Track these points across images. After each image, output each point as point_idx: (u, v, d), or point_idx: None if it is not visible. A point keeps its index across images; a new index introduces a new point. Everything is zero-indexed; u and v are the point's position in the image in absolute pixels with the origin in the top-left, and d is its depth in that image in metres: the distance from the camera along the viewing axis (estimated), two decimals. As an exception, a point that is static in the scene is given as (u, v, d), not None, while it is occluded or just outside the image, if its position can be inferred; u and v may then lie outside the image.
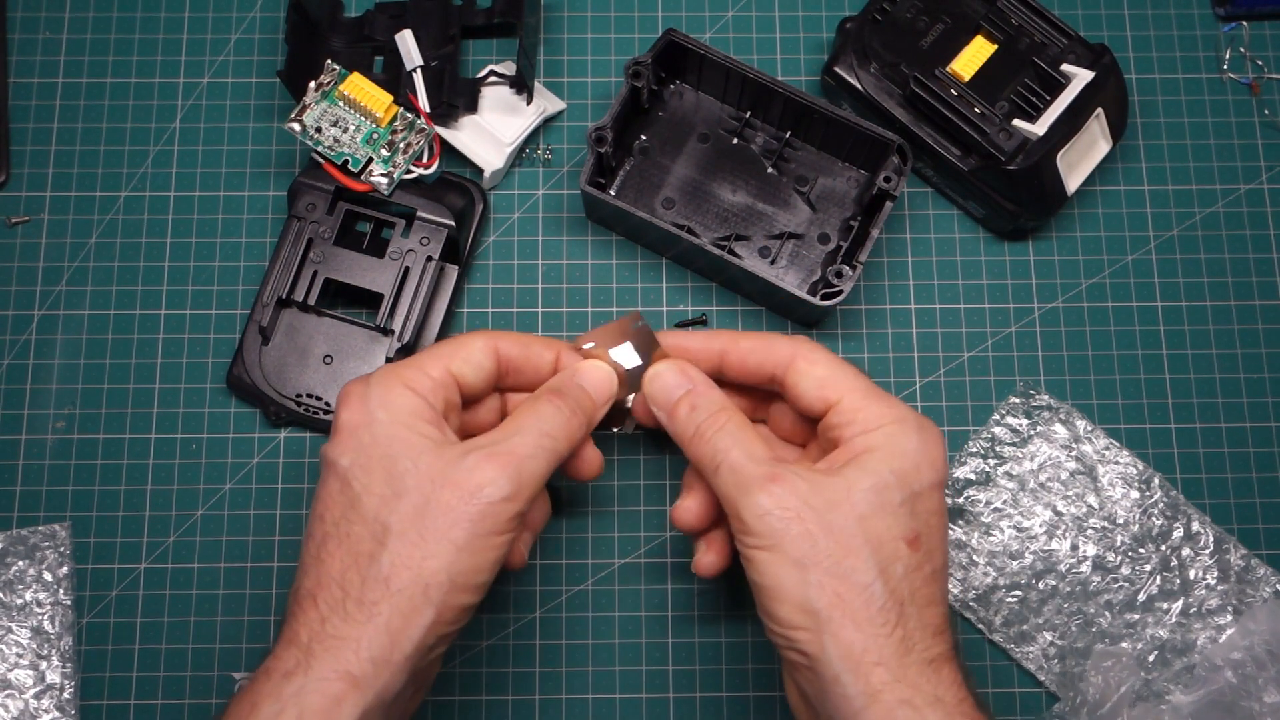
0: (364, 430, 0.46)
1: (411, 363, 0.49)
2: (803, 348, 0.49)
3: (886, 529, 0.45)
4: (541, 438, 0.47)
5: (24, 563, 0.59)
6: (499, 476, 0.45)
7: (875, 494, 0.45)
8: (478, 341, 0.50)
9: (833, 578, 0.43)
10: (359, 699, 0.43)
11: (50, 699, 0.57)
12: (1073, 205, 0.64)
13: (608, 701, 0.58)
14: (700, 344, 0.52)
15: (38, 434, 0.61)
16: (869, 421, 0.47)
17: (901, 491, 0.45)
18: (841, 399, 0.48)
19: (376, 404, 0.46)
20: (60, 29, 0.66)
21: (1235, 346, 0.63)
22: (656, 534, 0.60)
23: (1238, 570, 0.59)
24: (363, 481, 0.45)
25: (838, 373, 0.48)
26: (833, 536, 0.44)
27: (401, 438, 0.46)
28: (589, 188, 0.59)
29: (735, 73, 0.60)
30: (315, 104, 0.59)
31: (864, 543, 0.44)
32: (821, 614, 0.43)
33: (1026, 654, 0.58)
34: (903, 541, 0.45)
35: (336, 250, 0.60)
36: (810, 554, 0.44)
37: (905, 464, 0.46)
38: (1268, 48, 0.67)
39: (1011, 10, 0.61)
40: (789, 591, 0.44)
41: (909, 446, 0.46)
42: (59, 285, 0.63)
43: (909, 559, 0.45)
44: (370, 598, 0.44)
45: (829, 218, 0.62)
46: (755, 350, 0.50)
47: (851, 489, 0.45)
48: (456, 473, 0.45)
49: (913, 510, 0.45)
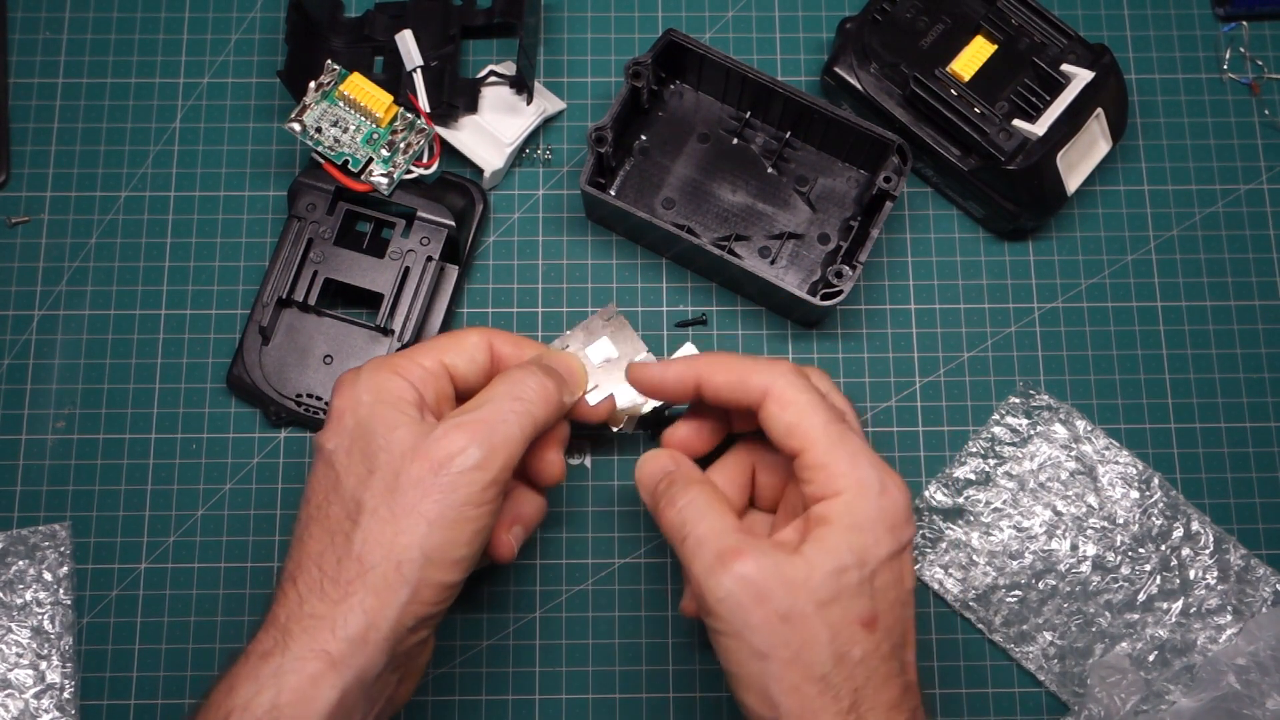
0: (349, 414, 0.46)
1: (406, 353, 0.49)
2: (776, 385, 0.47)
3: (843, 614, 0.44)
4: (513, 401, 0.47)
5: (24, 563, 0.59)
6: (468, 444, 0.44)
7: (833, 578, 0.44)
8: (472, 336, 0.50)
9: (790, 670, 0.43)
10: (337, 679, 0.42)
11: (50, 699, 0.57)
12: (1073, 205, 0.64)
13: (608, 701, 0.58)
14: (674, 378, 0.50)
15: (38, 434, 0.61)
16: (827, 485, 0.46)
17: (859, 571, 0.44)
18: (805, 452, 0.46)
19: (364, 388, 0.47)
20: (60, 29, 0.66)
21: (1235, 346, 0.63)
22: (656, 534, 0.60)
23: (1237, 570, 0.59)
24: (344, 463, 0.45)
25: (805, 420, 0.46)
26: (791, 625, 0.43)
27: (380, 416, 0.46)
28: (589, 188, 0.59)
29: (735, 73, 0.60)
30: (315, 104, 0.59)
31: (821, 630, 0.44)
32: (781, 706, 0.43)
33: (1026, 654, 0.58)
34: (858, 625, 0.44)
35: (336, 250, 0.60)
36: (769, 644, 0.43)
37: (864, 540, 0.45)
38: (1268, 48, 0.67)
39: (1011, 10, 0.61)
40: (751, 681, 0.44)
41: (866, 518, 0.45)
42: (59, 285, 0.63)
43: (866, 642, 0.44)
44: (345, 577, 0.43)
45: (829, 218, 0.62)
46: (727, 387, 0.49)
47: (811, 573, 0.44)
48: (426, 444, 0.45)
49: (871, 588, 0.45)
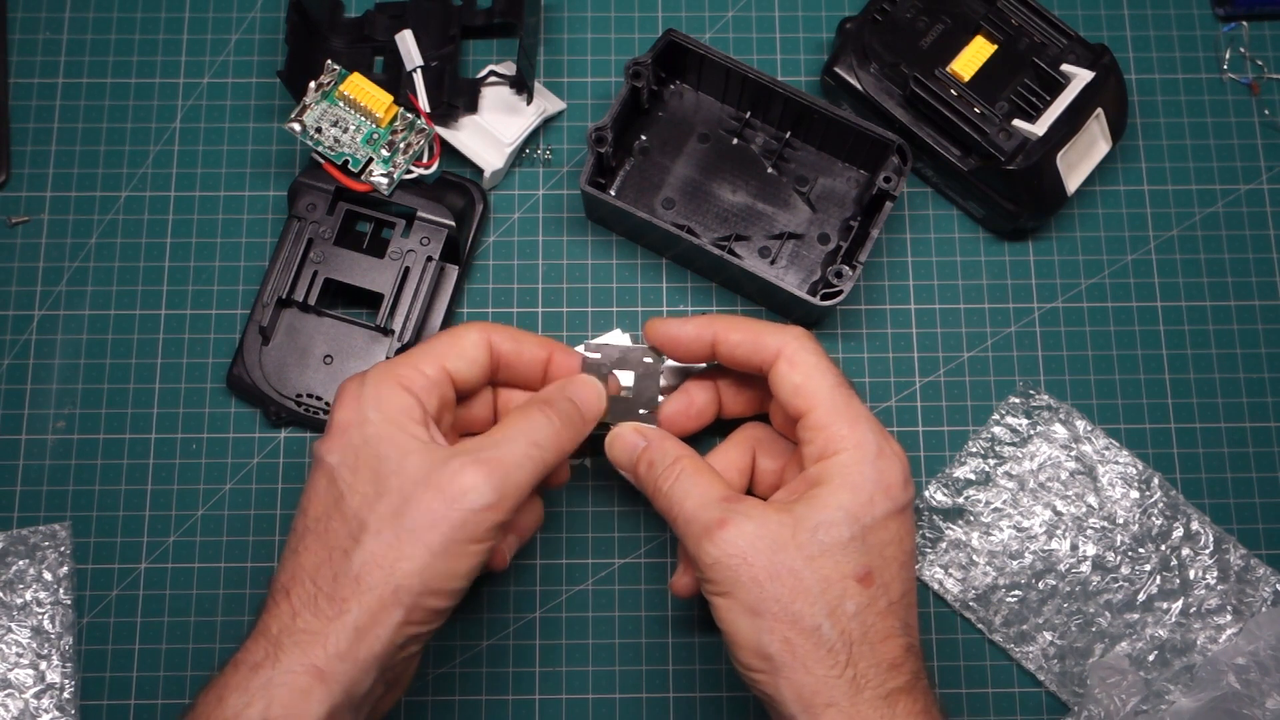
0: (355, 429, 0.46)
1: (407, 359, 0.48)
2: (789, 346, 0.49)
3: (835, 567, 0.44)
4: (530, 447, 0.47)
5: (24, 562, 0.59)
6: (482, 484, 0.45)
7: (821, 532, 0.45)
8: (471, 335, 0.50)
9: (782, 623, 0.44)
10: (326, 694, 0.42)
11: (50, 699, 0.57)
12: (1073, 205, 0.64)
13: (608, 701, 0.58)
14: (692, 334, 0.52)
15: (38, 434, 0.61)
16: (827, 446, 0.47)
17: (850, 527, 0.45)
18: (809, 413, 0.47)
19: (370, 403, 0.46)
20: (60, 29, 0.66)
21: (1235, 346, 0.63)
22: (656, 534, 0.60)
23: (1237, 570, 0.59)
24: (348, 480, 0.45)
25: (812, 381, 0.48)
26: (779, 581, 0.44)
27: (390, 437, 0.45)
28: (589, 188, 0.59)
29: (735, 73, 0.60)
30: (315, 104, 0.59)
31: (812, 584, 0.44)
32: (775, 659, 0.44)
33: (1026, 654, 0.58)
34: (852, 579, 0.44)
35: (336, 250, 0.60)
36: (759, 600, 0.44)
37: (857, 498, 0.45)
38: (1268, 48, 0.67)
39: (1011, 10, 0.61)
40: (744, 637, 0.45)
41: (862, 478, 0.46)
42: (59, 285, 0.63)
43: (860, 596, 0.44)
44: (341, 594, 0.43)
45: (829, 218, 0.62)
46: (743, 345, 0.50)
47: (798, 529, 0.45)
48: (440, 476, 0.45)
49: (864, 545, 0.45)
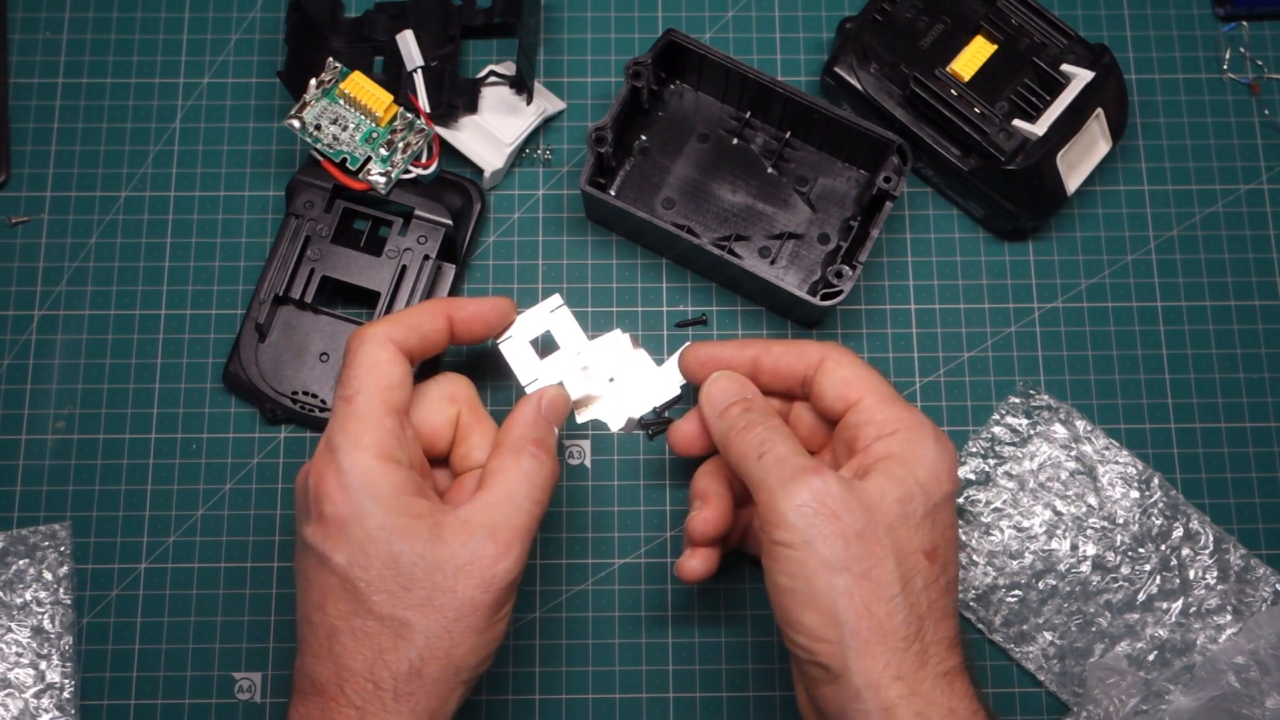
0: (355, 525, 0.45)
1: (359, 416, 0.46)
2: (833, 353, 0.50)
3: (909, 540, 0.45)
4: (535, 505, 0.48)
5: (24, 562, 0.59)
6: (507, 556, 0.46)
7: (902, 504, 0.45)
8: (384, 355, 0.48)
9: (862, 586, 0.43)
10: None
11: (50, 698, 0.57)
12: (1073, 205, 0.64)
13: (608, 701, 0.58)
14: (733, 353, 0.52)
15: (38, 434, 0.61)
16: (885, 425, 0.47)
17: (924, 503, 0.45)
18: (862, 399, 0.49)
19: (359, 491, 0.45)
20: (60, 29, 0.66)
21: (1235, 346, 0.63)
22: (656, 534, 0.60)
23: (1237, 570, 0.59)
24: (366, 580, 0.45)
25: (862, 375, 0.49)
26: (863, 542, 0.44)
27: (399, 528, 0.45)
28: (589, 188, 0.59)
29: (735, 73, 0.60)
30: (315, 101, 0.59)
31: (891, 552, 0.44)
32: (848, 625, 0.43)
33: (1026, 654, 0.58)
34: (922, 554, 0.45)
35: (334, 248, 0.60)
36: (841, 556, 0.43)
37: (927, 474, 0.46)
38: (1268, 48, 0.67)
39: (1011, 10, 0.61)
40: (818, 597, 0.43)
41: (928, 455, 0.46)
42: (59, 285, 0.63)
43: (927, 571, 0.45)
44: (406, 690, 0.44)
45: (829, 218, 0.62)
46: (787, 354, 0.51)
47: (883, 497, 0.45)
48: (463, 556, 0.45)
49: (933, 522, 0.46)
